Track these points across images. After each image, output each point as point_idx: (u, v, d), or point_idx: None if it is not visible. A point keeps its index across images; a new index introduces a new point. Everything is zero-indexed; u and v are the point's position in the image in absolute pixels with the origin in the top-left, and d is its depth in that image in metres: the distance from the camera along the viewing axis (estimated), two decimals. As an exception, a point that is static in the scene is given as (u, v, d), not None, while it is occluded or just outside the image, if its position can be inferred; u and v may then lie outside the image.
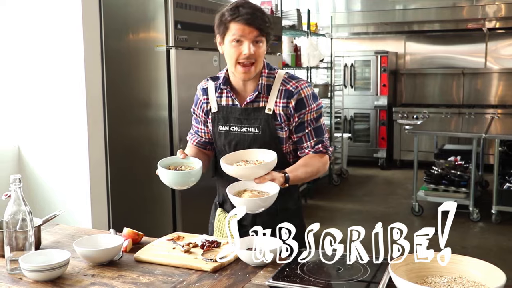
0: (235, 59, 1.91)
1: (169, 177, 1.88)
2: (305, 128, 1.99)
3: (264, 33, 1.90)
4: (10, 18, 3.33)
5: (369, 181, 7.63)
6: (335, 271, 1.52)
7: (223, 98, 2.05)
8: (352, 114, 8.50)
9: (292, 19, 5.77)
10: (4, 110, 3.42)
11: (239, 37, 1.88)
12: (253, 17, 1.87)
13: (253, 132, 1.99)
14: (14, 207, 1.71)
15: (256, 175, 1.81)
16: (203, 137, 2.16)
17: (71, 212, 3.29)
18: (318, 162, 2.00)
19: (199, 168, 1.92)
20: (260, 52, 1.92)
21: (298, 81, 2.01)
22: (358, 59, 8.46)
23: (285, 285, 1.44)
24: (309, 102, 1.99)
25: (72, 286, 1.61)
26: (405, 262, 1.56)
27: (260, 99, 2.00)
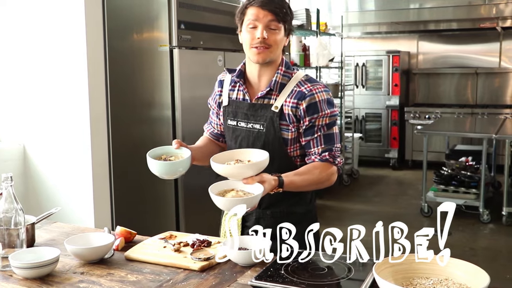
0: (249, 44, 1.89)
1: (156, 167, 1.88)
2: (315, 132, 1.92)
3: (279, 18, 1.86)
4: (13, 18, 3.38)
5: (380, 181, 7.59)
6: (319, 271, 1.52)
7: (235, 92, 2.03)
8: (363, 114, 8.46)
9: (300, 18, 5.76)
10: (9, 109, 3.46)
11: (253, 21, 1.86)
12: (269, 1, 1.85)
13: (258, 129, 1.96)
14: (6, 205, 1.73)
15: (244, 175, 1.75)
16: (215, 128, 2.16)
17: (74, 210, 3.32)
18: (321, 172, 1.90)
19: (187, 158, 1.90)
20: (275, 39, 1.88)
21: (314, 85, 1.94)
22: (369, 58, 8.42)
23: (267, 285, 1.44)
24: (322, 107, 1.92)
25: (60, 283, 1.63)
26: (391, 263, 1.55)
27: (271, 96, 1.96)
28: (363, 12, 8.71)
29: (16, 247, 1.74)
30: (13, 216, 1.74)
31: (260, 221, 1.98)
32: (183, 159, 1.91)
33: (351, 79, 8.18)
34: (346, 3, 8.66)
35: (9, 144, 3.41)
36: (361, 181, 7.55)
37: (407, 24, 8.68)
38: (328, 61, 6.38)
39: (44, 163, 3.41)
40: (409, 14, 8.37)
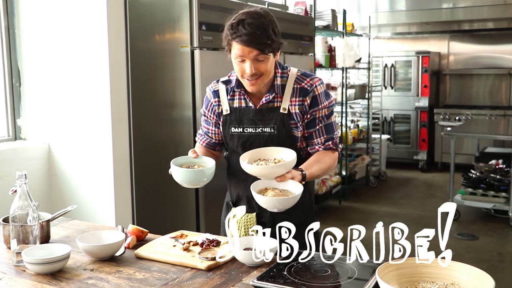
0: (241, 75, 1.94)
1: (181, 175, 1.91)
2: (316, 124, 2.02)
3: (266, 51, 1.87)
4: (38, 20, 3.46)
5: (408, 183, 7.49)
6: (322, 273, 1.52)
7: (236, 101, 2.06)
8: (392, 115, 8.36)
9: (326, 19, 5.73)
10: (35, 109, 3.55)
11: (240, 56, 1.88)
12: (252, 38, 1.84)
13: (269, 132, 2.00)
14: (20, 202, 1.78)
15: (277, 174, 1.83)
16: (213, 138, 2.18)
17: (96, 209, 3.39)
18: (329, 159, 2.02)
19: (212, 167, 1.95)
20: (265, 68, 1.91)
21: (312, 79, 2.02)
22: (398, 59, 8.32)
23: (268, 285, 1.45)
24: (322, 99, 2.01)
25: (69, 279, 1.67)
26: (396, 266, 1.54)
27: (275, 99, 2.01)
28: (393, 13, 8.61)
29: (29, 243, 1.79)
30: (27, 213, 1.78)
31: (276, 215, 2.01)
32: (208, 168, 1.94)
33: (379, 80, 8.09)
34: (376, 3, 8.57)
35: (34, 143, 3.50)
36: (388, 183, 7.46)
37: (439, 24, 8.55)
38: (355, 62, 6.33)
39: (68, 162, 3.48)
40: (441, 13, 8.23)
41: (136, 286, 1.61)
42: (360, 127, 7.00)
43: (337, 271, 1.53)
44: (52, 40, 3.44)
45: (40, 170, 3.48)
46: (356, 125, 6.92)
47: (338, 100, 6.17)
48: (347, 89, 6.38)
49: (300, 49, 4.83)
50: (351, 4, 8.41)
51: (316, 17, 5.70)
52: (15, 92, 3.54)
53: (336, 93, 6.11)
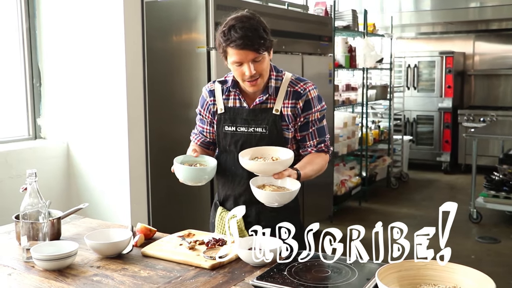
0: (241, 79, 1.99)
1: (183, 172, 1.96)
2: (309, 128, 2.08)
3: (261, 51, 1.92)
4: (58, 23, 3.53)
5: (430, 185, 7.40)
6: (322, 274, 1.52)
7: (231, 100, 2.11)
8: (415, 116, 8.27)
9: (346, 19, 5.70)
10: (54, 109, 3.62)
11: (238, 61, 1.93)
12: (246, 41, 1.88)
13: (260, 132, 2.05)
14: (30, 200, 1.83)
15: (275, 171, 1.89)
16: (207, 137, 2.22)
17: (112, 208, 3.44)
18: (321, 161, 2.09)
19: (214, 166, 2.00)
20: (262, 67, 1.97)
21: (305, 83, 2.08)
22: (422, 59, 8.22)
23: (267, 285, 1.46)
24: (315, 103, 2.07)
25: (76, 276, 1.70)
26: (398, 268, 1.53)
27: (269, 100, 2.06)
28: (417, 12, 8.50)
29: (39, 240, 1.83)
30: (37, 211, 1.83)
31: (260, 216, 2.09)
32: (210, 166, 1.99)
33: (401, 80, 8.01)
34: (399, 3, 8.49)
35: (53, 142, 3.57)
36: (410, 185, 7.39)
37: (464, 23, 8.41)
38: (376, 63, 6.28)
39: (85, 161, 3.54)
40: (468, 13, 8.10)
41: (139, 283, 1.64)
42: (381, 128, 6.95)
43: (338, 272, 1.53)
44: (71, 42, 3.51)
45: (59, 168, 3.55)
46: (377, 126, 6.86)
47: (359, 100, 6.13)
48: (368, 89, 6.34)
49: (318, 50, 4.81)
50: (374, 4, 8.36)
51: (336, 18, 5.68)
52: (35, 92, 3.62)
53: (356, 93, 6.08)
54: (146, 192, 3.52)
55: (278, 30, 4.20)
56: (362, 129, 6.21)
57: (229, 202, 2.17)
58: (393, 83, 7.05)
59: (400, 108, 7.57)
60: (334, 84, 5.38)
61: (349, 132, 5.89)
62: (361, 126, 6.20)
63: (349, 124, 5.88)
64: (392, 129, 7.11)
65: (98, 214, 3.38)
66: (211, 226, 2.30)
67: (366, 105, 6.23)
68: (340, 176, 5.87)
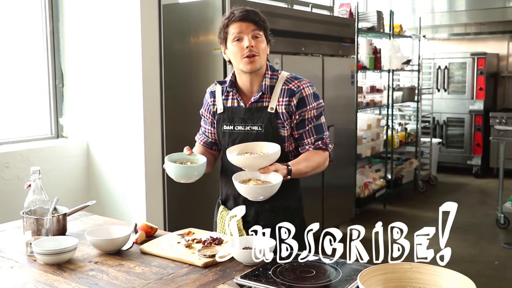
0: (240, 56, 2.01)
1: (173, 170, 2.00)
2: (306, 125, 2.08)
3: (260, 27, 2.00)
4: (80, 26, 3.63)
5: (460, 189, 7.26)
6: (306, 274, 1.53)
7: (229, 100, 2.15)
8: (445, 118, 8.13)
9: (371, 21, 5.66)
10: (76, 109, 3.73)
11: (238, 34, 1.99)
12: (247, 14, 2.00)
13: (256, 130, 2.08)
14: (34, 196, 1.90)
15: (260, 166, 1.90)
16: (209, 137, 2.27)
17: (129, 207, 3.52)
18: (319, 158, 2.08)
19: (202, 164, 2.03)
20: (261, 46, 2.02)
21: (300, 81, 2.10)
22: (453, 61, 8.07)
23: (249, 283, 1.48)
24: (309, 101, 2.08)
25: (73, 270, 1.76)
26: (384, 270, 1.53)
27: (264, 99, 2.09)
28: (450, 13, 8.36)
29: (41, 235, 1.90)
30: (40, 207, 1.90)
31: (259, 216, 2.11)
32: (198, 164, 2.02)
33: (429, 82, 7.89)
34: (432, 4, 8.36)
35: (74, 141, 3.68)
36: (438, 188, 7.27)
37: (500, 24, 8.22)
38: (402, 64, 6.21)
39: (104, 160, 3.64)
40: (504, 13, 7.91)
41: (131, 279, 1.68)
42: (409, 130, 6.86)
43: (322, 272, 1.54)
44: (92, 44, 3.62)
45: (79, 167, 3.65)
46: (404, 128, 6.79)
47: (384, 102, 6.08)
48: (394, 91, 6.28)
49: (340, 51, 4.80)
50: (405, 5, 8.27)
51: (361, 19, 5.65)
52: (58, 93, 3.73)
53: (381, 95, 6.03)
54: (162, 191, 3.59)
55: (297, 32, 4.22)
56: (387, 131, 6.15)
57: (229, 202, 2.21)
58: (421, 85, 6.95)
59: (428, 110, 7.45)
60: (358, 85, 5.35)
61: (373, 134, 5.84)
62: (386, 128, 6.15)
63: (373, 126, 5.84)
64: (420, 131, 7.01)
65: (115, 212, 3.46)
66: (214, 224, 2.35)
67: (391, 107, 6.17)
68: (364, 178, 5.83)
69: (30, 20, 3.64)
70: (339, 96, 4.86)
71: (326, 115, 4.65)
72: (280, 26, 4.00)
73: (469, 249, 4.66)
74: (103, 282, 1.66)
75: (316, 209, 4.66)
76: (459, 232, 5.19)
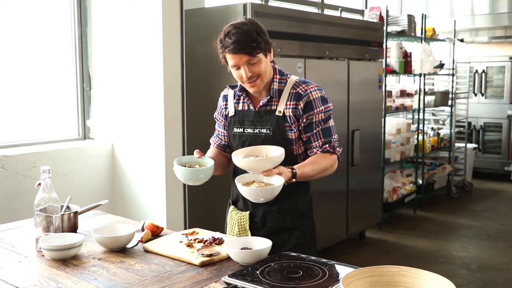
0: (240, 81, 2.08)
1: (181, 173, 2.06)
2: (313, 128, 2.10)
3: (254, 54, 1.99)
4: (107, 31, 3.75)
5: (495, 196, 7.09)
6: (293, 274, 1.56)
7: (240, 104, 2.20)
8: (482, 123, 7.94)
9: (402, 24, 5.61)
10: (102, 112, 3.85)
11: (235, 65, 2.02)
12: (238, 45, 1.97)
13: (265, 133, 2.12)
14: (44, 194, 1.99)
15: (263, 168, 1.94)
16: (223, 140, 2.32)
17: (149, 206, 3.61)
18: (326, 161, 2.09)
19: (210, 167, 2.08)
20: (259, 69, 2.03)
21: (307, 85, 2.13)
22: (490, 65, 7.89)
23: (236, 282, 1.52)
24: (317, 104, 2.10)
25: (76, 266, 1.84)
26: (371, 273, 1.54)
27: (272, 102, 2.13)
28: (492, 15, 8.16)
29: (50, 231, 1.99)
30: (50, 205, 1.99)
31: (267, 216, 2.15)
32: (205, 167, 2.08)
33: (465, 86, 7.73)
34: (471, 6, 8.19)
35: (100, 143, 3.80)
36: (472, 194, 7.11)
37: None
38: (435, 68, 6.12)
39: (127, 160, 3.74)
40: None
41: (129, 275, 1.75)
42: (442, 135, 6.75)
43: (310, 274, 1.56)
44: (117, 49, 3.74)
45: (104, 167, 3.77)
46: (437, 133, 6.67)
47: (415, 107, 6.00)
48: (426, 95, 6.19)
49: (367, 55, 4.78)
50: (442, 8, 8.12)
51: (391, 23, 5.61)
52: (85, 96, 3.86)
53: (412, 99, 5.95)
54: (183, 192, 3.66)
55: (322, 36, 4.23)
56: (418, 135, 6.07)
57: (240, 202, 2.25)
58: (455, 89, 6.82)
59: (463, 115, 7.31)
60: (386, 90, 5.31)
61: (402, 138, 5.78)
62: (417, 132, 6.06)
63: (403, 130, 5.77)
64: (454, 136, 6.88)
65: (137, 212, 3.56)
66: (225, 224, 2.39)
67: (423, 111, 6.08)
68: (393, 183, 5.77)
69: (60, 25, 3.78)
70: (366, 100, 4.84)
71: (351, 119, 4.68)
72: (304, 30, 4.02)
73: (498, 257, 4.55)
74: (102, 277, 1.73)
75: (340, 213, 4.65)
76: (489, 239, 5.07)
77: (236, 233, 2.19)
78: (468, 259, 4.51)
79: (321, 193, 4.35)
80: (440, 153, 7.01)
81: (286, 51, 3.88)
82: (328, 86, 4.38)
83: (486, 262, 4.46)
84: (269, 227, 2.15)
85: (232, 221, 2.25)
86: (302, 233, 2.14)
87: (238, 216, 2.20)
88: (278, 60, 3.85)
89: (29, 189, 3.21)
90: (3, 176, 3.25)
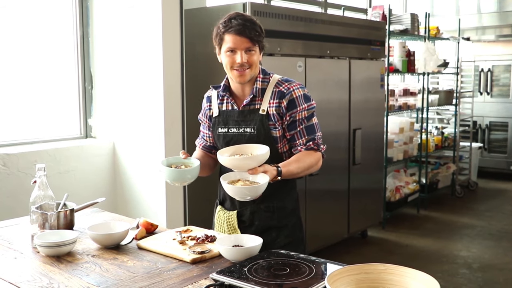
0: (230, 66, 2.08)
1: (167, 173, 2.07)
2: (297, 126, 2.12)
3: (255, 42, 2.03)
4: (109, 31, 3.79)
5: (500, 195, 7.06)
6: (280, 272, 1.57)
7: (224, 104, 2.22)
8: (487, 122, 7.91)
9: (405, 23, 5.60)
10: (103, 110, 3.88)
11: (232, 47, 2.03)
12: (244, 28, 2.01)
13: (249, 132, 2.13)
14: (39, 192, 2.02)
15: (248, 167, 1.95)
16: (208, 141, 2.34)
17: (149, 205, 3.64)
18: (310, 158, 2.10)
19: (196, 167, 2.09)
20: (253, 60, 2.06)
21: (290, 83, 2.14)
22: (496, 63, 7.85)
23: (223, 278, 1.54)
24: (300, 102, 2.11)
25: (70, 262, 1.87)
26: (358, 270, 1.55)
27: (256, 102, 2.14)
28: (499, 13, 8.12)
29: (45, 228, 2.02)
30: (45, 202, 2.02)
31: (255, 215, 2.16)
32: (192, 168, 2.09)
33: (469, 85, 7.70)
34: (478, 5, 8.15)
35: (101, 141, 3.83)
36: (477, 194, 7.09)
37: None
38: (439, 67, 6.10)
39: (128, 159, 3.78)
40: None
41: (121, 272, 1.77)
42: (446, 134, 6.73)
43: (297, 271, 1.58)
44: (118, 48, 3.77)
45: (106, 165, 3.80)
46: (441, 132, 6.66)
47: (418, 106, 5.99)
48: (430, 94, 6.18)
49: (369, 54, 4.78)
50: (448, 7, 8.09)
51: (394, 21, 5.60)
52: (87, 95, 3.90)
53: (415, 98, 5.94)
54: (182, 191, 3.69)
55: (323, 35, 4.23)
56: (421, 135, 6.06)
57: (227, 202, 2.27)
58: (460, 88, 6.80)
59: (469, 113, 7.28)
60: (389, 88, 5.31)
61: (405, 137, 5.77)
62: (420, 131, 6.05)
63: (406, 129, 5.77)
64: (459, 135, 6.86)
65: (138, 210, 3.59)
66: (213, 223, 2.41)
67: (426, 110, 6.07)
68: (396, 182, 5.77)
69: (62, 25, 3.82)
70: (368, 99, 4.84)
71: (353, 118, 4.68)
72: (305, 30, 4.03)
73: (501, 257, 4.54)
74: (94, 273, 1.76)
75: (341, 211, 4.65)
76: (492, 239, 5.06)
77: (226, 232, 2.21)
78: (470, 259, 4.50)
79: (322, 191, 4.37)
80: (445, 152, 6.99)
81: (286, 50, 3.89)
82: (329, 85, 4.39)
83: (488, 261, 4.45)
84: (257, 226, 2.16)
85: (220, 220, 2.27)
86: (290, 231, 2.15)
87: (225, 216, 2.22)
88: (278, 60, 3.88)
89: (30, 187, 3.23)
90: (5, 174, 3.29)
